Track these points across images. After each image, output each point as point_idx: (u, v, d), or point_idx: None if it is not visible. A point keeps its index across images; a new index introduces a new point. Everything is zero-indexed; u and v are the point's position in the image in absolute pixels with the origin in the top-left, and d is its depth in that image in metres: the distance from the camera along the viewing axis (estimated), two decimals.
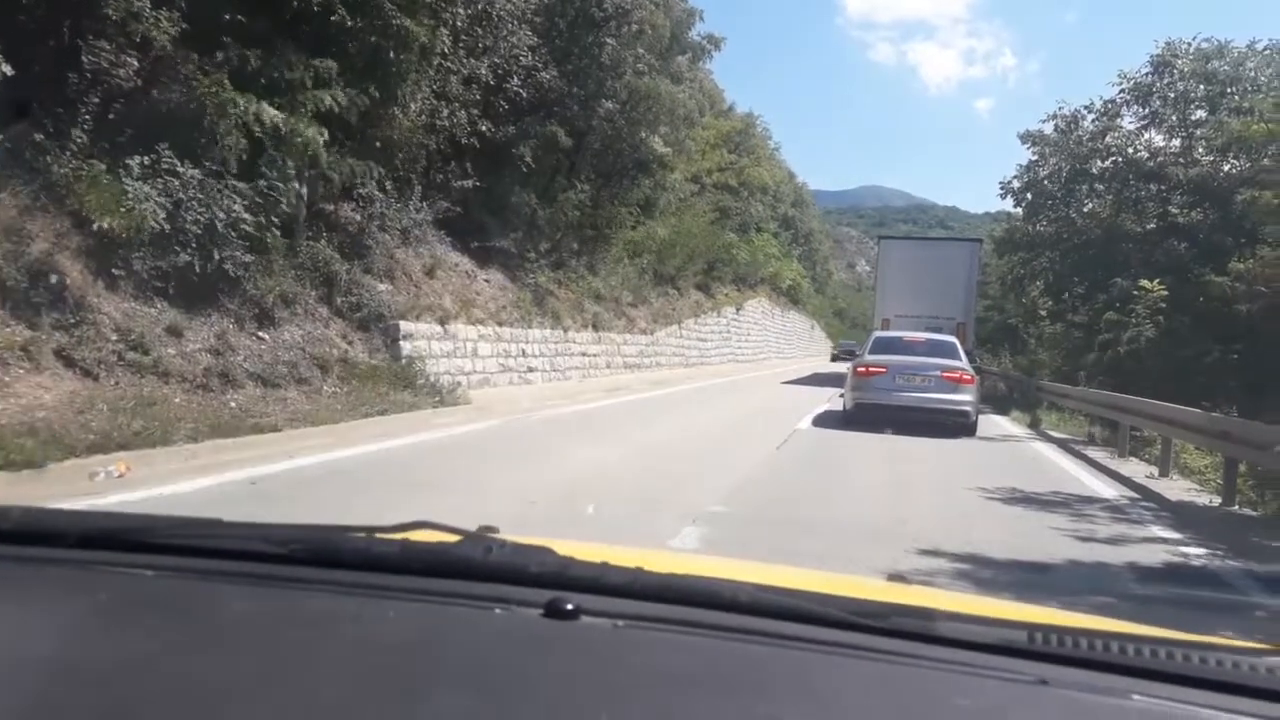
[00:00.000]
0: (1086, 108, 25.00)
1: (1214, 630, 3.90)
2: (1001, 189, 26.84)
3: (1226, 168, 21.40)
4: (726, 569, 1.34)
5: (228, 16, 10.31)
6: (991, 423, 15.78)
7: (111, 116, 9.42)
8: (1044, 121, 25.84)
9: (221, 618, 1.04)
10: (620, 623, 1.00)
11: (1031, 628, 0.99)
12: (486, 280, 17.37)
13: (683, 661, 0.94)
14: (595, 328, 21.24)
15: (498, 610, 1.02)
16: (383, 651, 0.95)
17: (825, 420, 14.16)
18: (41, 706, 0.84)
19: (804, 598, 1.06)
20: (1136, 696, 0.89)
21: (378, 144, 12.80)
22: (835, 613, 1.01)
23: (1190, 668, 0.92)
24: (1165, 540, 6.74)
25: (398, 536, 1.16)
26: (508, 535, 1.19)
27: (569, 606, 0.99)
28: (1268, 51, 22.52)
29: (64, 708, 0.84)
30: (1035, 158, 26.14)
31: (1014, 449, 12.79)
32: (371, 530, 1.19)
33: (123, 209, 8.47)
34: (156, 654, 0.93)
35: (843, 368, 21.28)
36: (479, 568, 1.08)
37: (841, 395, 14.81)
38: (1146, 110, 23.75)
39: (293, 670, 0.91)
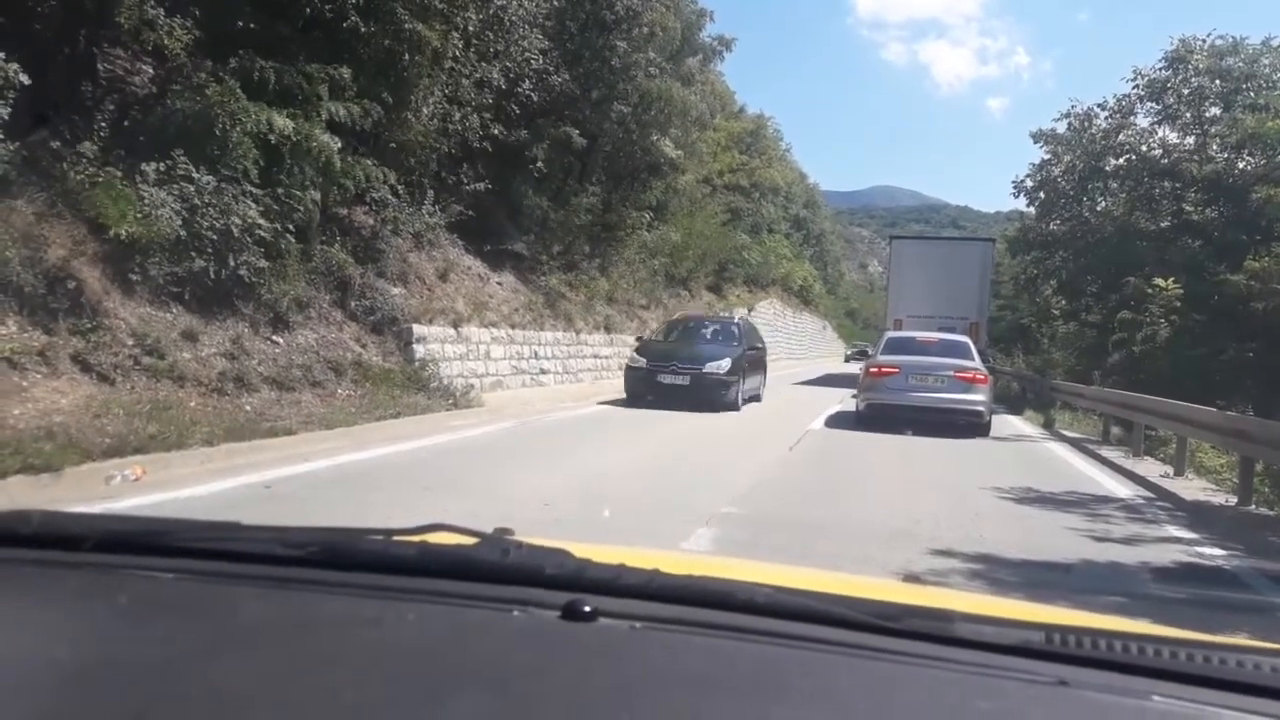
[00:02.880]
0: (1100, 105, 24.93)
1: (1232, 631, 3.89)
2: (1014, 188, 26.80)
3: (1241, 165, 21.28)
4: (742, 570, 1.34)
5: (241, 23, 10.38)
6: (1005, 423, 15.71)
7: (126, 124, 9.49)
8: (1057, 120, 25.79)
9: (240, 621, 1.05)
10: (638, 624, 1.00)
11: (1049, 629, 0.98)
12: (499, 283, 17.41)
13: (700, 663, 0.95)
14: (608, 329, 21.25)
15: (516, 612, 1.03)
16: (403, 654, 0.95)
17: (838, 421, 14.13)
18: (63, 709, 0.85)
19: (821, 599, 1.06)
20: (1157, 698, 0.89)
21: (391, 147, 12.85)
22: (852, 614, 1.01)
23: (1211, 669, 0.92)
24: (1181, 540, 6.70)
25: (415, 539, 1.16)
26: (523, 537, 1.20)
27: (587, 608, 1.00)
28: None
29: (85, 710, 0.85)
30: (1048, 156, 26.05)
31: (1028, 449, 12.73)
32: (389, 533, 1.19)
33: (138, 215, 8.53)
34: (177, 657, 0.94)
35: (855, 368, 21.12)
36: (497, 570, 1.09)
37: (854, 396, 14.77)
38: (1161, 107, 23.64)
39: (313, 673, 0.91)
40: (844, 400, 17.07)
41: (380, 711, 0.83)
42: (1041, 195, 26.32)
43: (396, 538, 1.18)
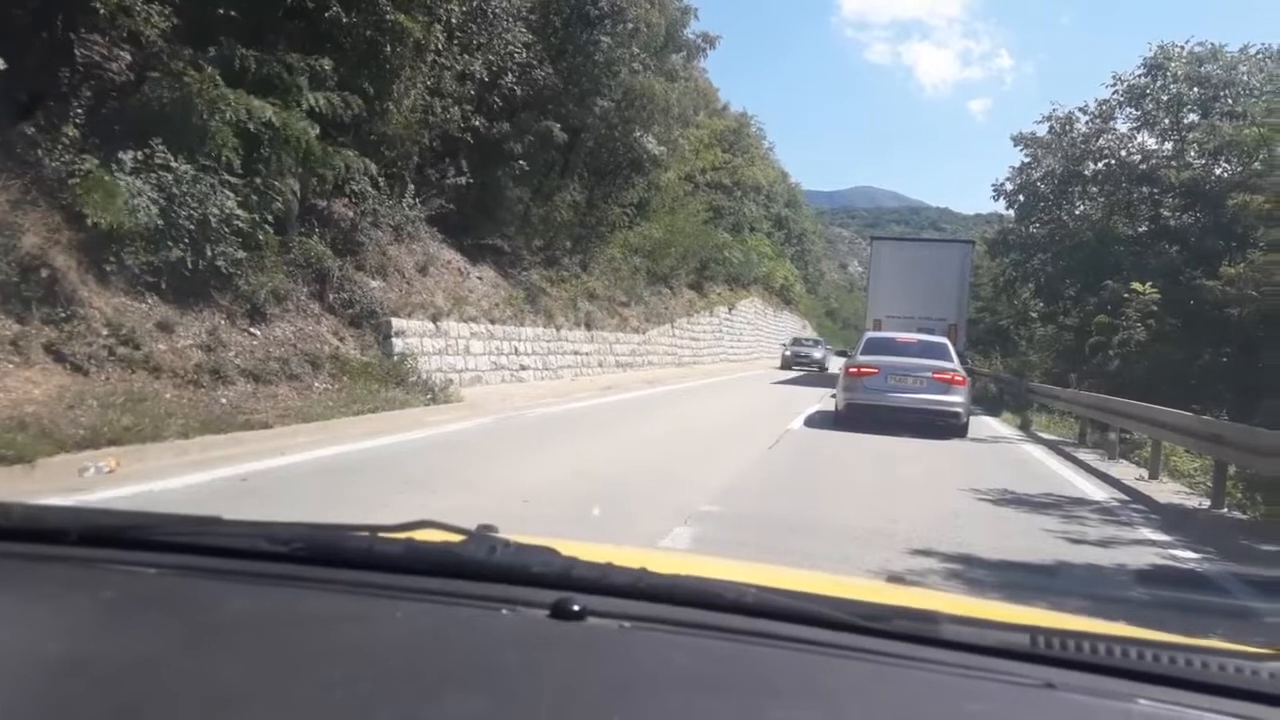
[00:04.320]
0: (1081, 109, 25.09)
1: (1205, 633, 3.93)
2: (995, 191, 26.91)
3: (1218, 171, 21.46)
4: (729, 570, 1.34)
5: (221, 10, 10.27)
6: (982, 424, 15.82)
7: (104, 111, 9.38)
8: (1038, 123, 25.91)
9: (224, 616, 1.04)
10: (626, 624, 1.00)
11: (1035, 631, 0.99)
12: (479, 278, 17.35)
13: (689, 663, 0.94)
14: (588, 326, 21.23)
15: (504, 611, 1.02)
16: (390, 652, 0.95)
17: (817, 420, 14.18)
18: (46, 704, 0.84)
19: (809, 600, 1.06)
20: (1142, 701, 0.89)
21: (371, 139, 12.77)
22: (839, 615, 1.01)
23: (1194, 672, 0.92)
24: (1155, 542, 6.77)
25: (401, 536, 1.15)
26: (506, 534, 1.19)
27: (575, 607, 0.99)
28: (1260, 56, 22.61)
29: (68, 705, 0.84)
30: (1028, 160, 26.21)
31: (1005, 450, 12.82)
32: (374, 529, 1.18)
33: (115, 204, 8.43)
34: (160, 652, 0.93)
35: (833, 368, 21.09)
36: (484, 568, 1.08)
37: (833, 396, 14.84)
38: (1140, 113, 23.82)
39: (298, 670, 0.91)
40: (823, 400, 17.13)
41: (367, 710, 0.83)
42: (1021, 198, 26.44)
43: (382, 534, 1.17)
